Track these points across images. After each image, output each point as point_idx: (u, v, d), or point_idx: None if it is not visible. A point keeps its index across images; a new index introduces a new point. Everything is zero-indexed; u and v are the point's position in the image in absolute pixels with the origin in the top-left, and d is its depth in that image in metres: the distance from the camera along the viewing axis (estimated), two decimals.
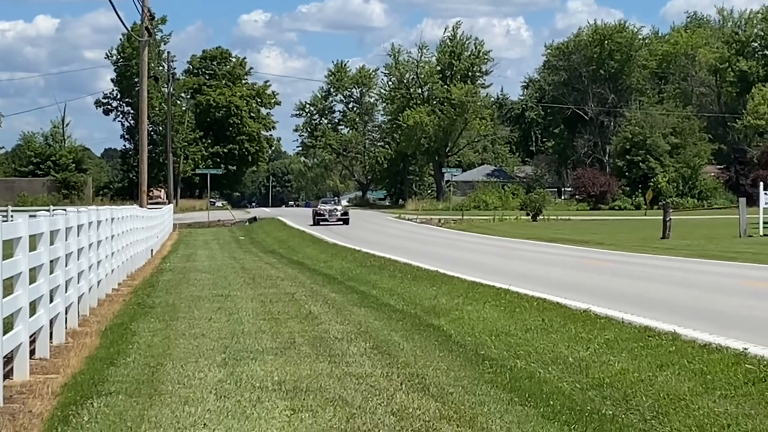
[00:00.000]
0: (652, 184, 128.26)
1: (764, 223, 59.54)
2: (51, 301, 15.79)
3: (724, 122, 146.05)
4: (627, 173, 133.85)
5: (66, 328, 17.52)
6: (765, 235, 56.73)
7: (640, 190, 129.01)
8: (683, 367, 13.31)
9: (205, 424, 10.78)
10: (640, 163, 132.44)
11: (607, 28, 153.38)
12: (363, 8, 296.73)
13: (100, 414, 11.27)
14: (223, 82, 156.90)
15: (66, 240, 17.15)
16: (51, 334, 16.02)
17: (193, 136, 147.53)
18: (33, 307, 14.68)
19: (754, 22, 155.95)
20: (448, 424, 10.60)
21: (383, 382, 13.08)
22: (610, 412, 11.35)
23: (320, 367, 14.20)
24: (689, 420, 10.68)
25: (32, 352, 14.78)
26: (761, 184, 70.32)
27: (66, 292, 17.32)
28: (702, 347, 14.62)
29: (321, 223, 78.42)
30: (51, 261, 15.72)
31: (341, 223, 79.37)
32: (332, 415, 11.06)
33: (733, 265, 35.42)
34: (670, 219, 58.28)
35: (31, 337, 14.65)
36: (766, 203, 61.61)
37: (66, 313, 17.57)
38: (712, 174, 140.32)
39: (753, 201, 66.18)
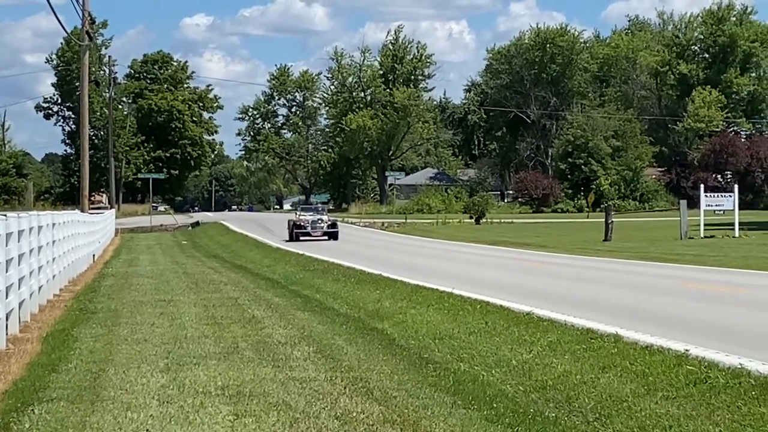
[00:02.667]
0: (594, 186, 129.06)
1: (705, 225, 60.05)
2: None
3: (665, 125, 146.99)
4: (569, 176, 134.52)
5: (7, 334, 17.35)
6: (706, 236, 57.15)
7: (582, 193, 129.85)
8: (625, 368, 13.37)
9: (147, 430, 10.72)
10: (582, 166, 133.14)
11: (549, 32, 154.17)
12: (305, 12, 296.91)
13: (42, 421, 11.19)
14: (165, 86, 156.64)
15: (6, 246, 17.01)
16: None
17: (134, 140, 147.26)
18: None
19: (694, 25, 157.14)
20: (391, 428, 10.60)
21: (327, 386, 13.06)
22: (553, 415, 11.39)
23: (264, 371, 14.16)
24: (631, 422, 10.73)
25: None
26: (702, 186, 71.05)
27: (6, 298, 17.17)
28: (644, 349, 14.69)
29: (301, 238, 59.76)
30: None
31: (327, 238, 61.22)
32: (276, 420, 11.04)
33: (674, 267, 35.66)
34: (612, 221, 58.63)
35: None
36: (706, 205, 62.18)
37: (7, 320, 17.40)
38: (654, 176, 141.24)
39: (694, 203, 66.76)
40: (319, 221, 61.89)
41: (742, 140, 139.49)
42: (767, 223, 69.00)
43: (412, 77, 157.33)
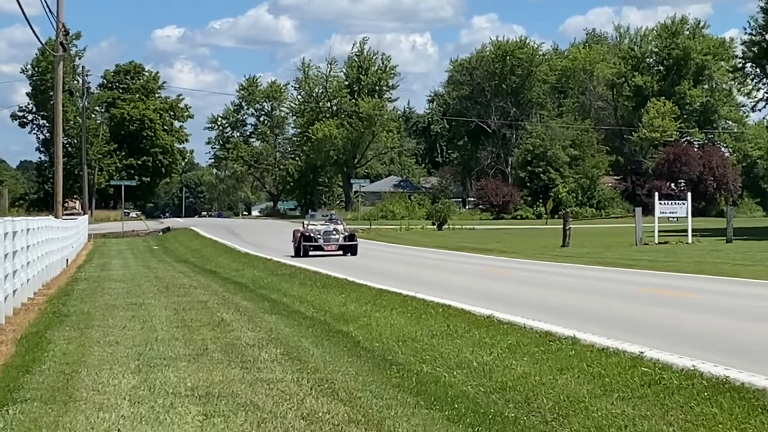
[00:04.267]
0: (552, 194, 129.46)
1: (659, 231, 60.31)
2: None
3: (621, 135, 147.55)
4: (528, 184, 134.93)
5: None
6: (660, 243, 57.40)
7: (541, 200, 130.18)
8: (582, 370, 13.40)
9: (119, 429, 10.68)
10: (541, 174, 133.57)
11: (509, 45, 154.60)
12: (274, 24, 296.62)
13: (15, 421, 11.13)
14: (137, 95, 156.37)
15: None
16: None
17: (107, 148, 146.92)
18: None
19: (649, 38, 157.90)
20: (356, 428, 10.59)
21: (293, 387, 13.04)
22: (513, 415, 11.40)
23: (232, 373, 14.13)
24: (588, 421, 10.75)
25: None
26: (656, 194, 71.37)
27: None
28: (600, 351, 14.73)
29: (311, 252, 48.28)
30: None
31: (342, 253, 49.23)
32: (244, 420, 11.02)
33: (629, 272, 35.78)
34: (570, 228, 58.81)
35: None
36: (660, 213, 62.45)
37: None
38: (610, 184, 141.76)
39: (648, 210, 66.95)
40: (334, 232, 49.35)
41: (695, 150, 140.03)
42: (719, 230, 69.21)
43: (377, 88, 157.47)
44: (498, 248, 55.34)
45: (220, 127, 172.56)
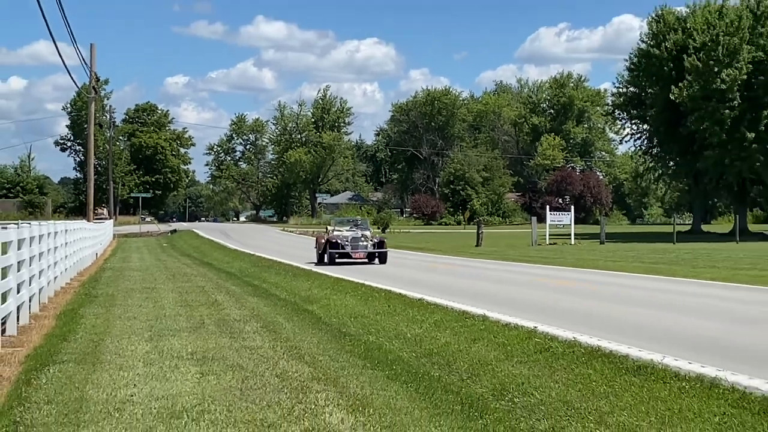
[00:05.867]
0: (469, 206, 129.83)
1: (550, 235, 60.66)
2: (18, 292, 15.48)
3: (521, 161, 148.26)
4: (451, 198, 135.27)
5: (30, 312, 17.11)
6: (550, 244, 57.70)
7: (460, 211, 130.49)
8: (490, 340, 13.41)
9: (135, 384, 10.60)
10: (461, 191, 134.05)
11: (437, 92, 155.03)
12: (258, 74, 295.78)
13: (55, 378, 11.02)
14: (152, 128, 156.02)
15: (30, 246, 16.79)
16: (18, 317, 15.68)
17: (128, 168, 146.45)
18: (4, 297, 14.39)
19: (544, 88, 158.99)
20: (318, 384, 10.56)
21: (270, 352, 12.98)
22: (437, 374, 11.39)
23: (223, 341, 14.05)
24: (494, 379, 10.76)
25: (3, 331, 14.49)
26: (547, 206, 71.74)
27: (30, 285, 16.95)
28: (504, 326, 14.76)
29: (338, 260, 37.25)
30: (18, 262, 15.42)
31: (368, 261, 37.54)
32: (231, 377, 10.95)
33: (527, 265, 35.90)
34: (482, 232, 58.98)
35: (2, 319, 14.37)
36: (551, 221, 62.87)
37: (30, 302, 17.16)
38: (513, 199, 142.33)
39: (542, 219, 67.32)
40: (362, 239, 37.71)
41: (577, 173, 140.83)
42: (595, 234, 69.64)
43: (336, 124, 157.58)
44: (427, 247, 55.41)
45: (216, 153, 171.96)
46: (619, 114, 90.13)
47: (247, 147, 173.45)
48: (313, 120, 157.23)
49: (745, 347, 12.62)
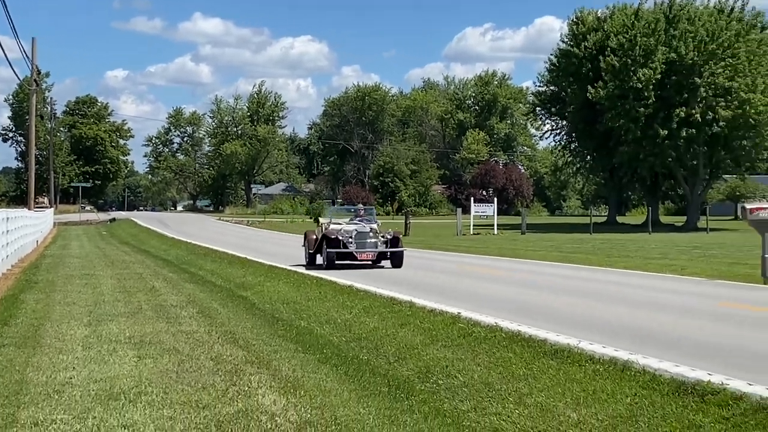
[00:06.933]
0: (397, 197, 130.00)
1: (474, 225, 61.01)
2: None
3: (447, 155, 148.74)
4: (380, 189, 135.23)
5: None
6: (474, 234, 58.05)
7: (389, 202, 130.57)
8: (417, 326, 13.47)
9: (74, 367, 10.50)
10: (390, 183, 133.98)
11: (367, 88, 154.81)
12: (195, 69, 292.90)
13: None
14: (92, 120, 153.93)
15: None
16: None
17: (68, 159, 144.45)
18: None
19: (469, 86, 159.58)
20: (251, 366, 10.55)
21: (205, 336, 12.94)
22: (366, 357, 11.43)
23: (160, 326, 13.97)
24: (420, 363, 10.83)
25: None
26: (472, 198, 72.11)
27: None
28: (430, 311, 14.83)
29: (338, 262, 26.35)
30: None
31: (374, 262, 27.05)
32: (168, 360, 10.90)
33: (452, 254, 36.11)
34: (410, 222, 59.22)
35: None
36: (475, 212, 63.23)
37: None
38: (439, 191, 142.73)
39: (467, 210, 67.69)
40: (371, 234, 26.90)
41: (500, 167, 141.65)
42: (516, 225, 70.21)
43: (271, 118, 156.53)
44: None
45: (154, 145, 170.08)
46: (540, 111, 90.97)
47: (185, 139, 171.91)
48: (248, 114, 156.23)
49: (656, 332, 12.82)
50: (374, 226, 27.77)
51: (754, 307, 15.87)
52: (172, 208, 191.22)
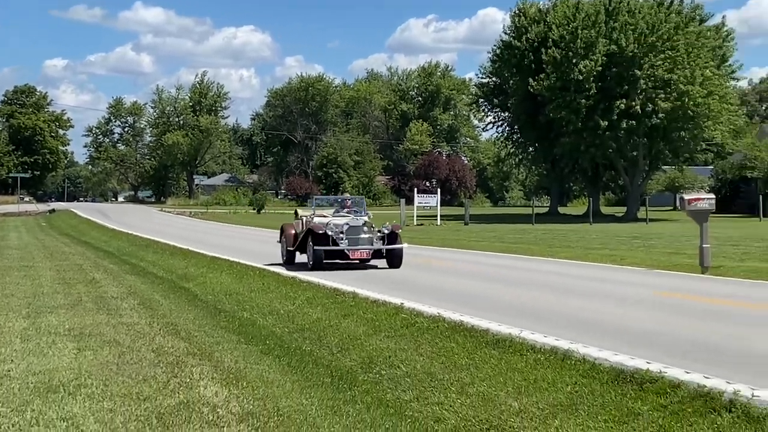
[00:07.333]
0: (341, 188, 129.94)
1: (417, 216, 61.17)
2: None
3: (391, 146, 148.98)
4: (324, 180, 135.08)
5: None
6: (418, 224, 58.18)
7: (333, 193, 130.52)
8: (360, 316, 13.48)
9: (12, 360, 10.37)
10: (333, 174, 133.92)
11: (311, 79, 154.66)
12: (136, 59, 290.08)
13: None
14: (30, 110, 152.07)
15: None
16: None
17: (7, 149, 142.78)
18: None
19: (412, 77, 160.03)
20: (193, 358, 10.49)
21: (147, 328, 12.85)
22: (309, 348, 11.42)
23: (100, 318, 13.84)
24: (363, 353, 10.84)
25: None
26: (415, 189, 72.29)
27: None
28: (373, 302, 14.84)
29: (326, 261, 22.57)
30: None
31: (369, 260, 23.52)
32: (108, 352, 10.81)
33: None
34: None
35: None
36: (418, 203, 63.38)
37: None
38: (383, 182, 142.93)
39: (410, 201, 67.80)
40: (364, 229, 23.45)
41: (444, 158, 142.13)
42: (459, 216, 70.54)
43: (213, 108, 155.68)
44: None
45: (94, 135, 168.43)
46: (483, 102, 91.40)
47: (126, 129, 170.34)
48: (190, 104, 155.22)
49: (597, 322, 12.95)
50: (365, 218, 24.35)
51: (692, 296, 16.08)
52: (113, 199, 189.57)
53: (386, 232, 23.38)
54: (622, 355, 9.56)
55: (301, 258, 24.26)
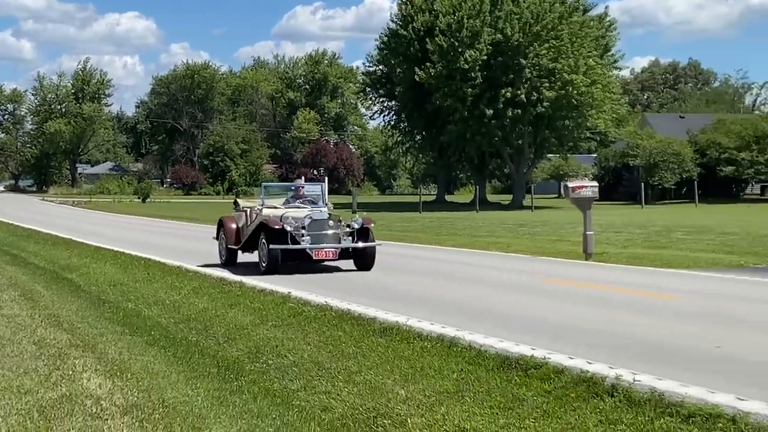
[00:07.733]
0: (228, 177, 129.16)
1: None
2: None
3: (278, 134, 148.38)
4: (211, 169, 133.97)
5: None
6: None
7: (219, 181, 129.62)
8: (247, 306, 13.44)
9: None
10: (220, 162, 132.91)
11: (197, 66, 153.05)
12: (16, 44, 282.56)
13: None
14: None
15: None
16: None
17: None
18: None
19: (299, 65, 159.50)
20: (76, 350, 10.31)
21: (28, 320, 12.58)
22: (195, 339, 11.34)
23: None
24: (250, 343, 10.80)
25: None
26: (303, 177, 71.93)
27: None
28: (260, 291, 14.81)
29: (282, 260, 18.44)
30: None
31: (334, 259, 19.06)
32: None
33: None
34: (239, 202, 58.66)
35: None
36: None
37: None
38: (270, 170, 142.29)
39: None
40: (330, 224, 19.17)
41: (331, 146, 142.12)
42: (347, 204, 70.50)
43: (97, 95, 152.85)
44: (187, 216, 54.68)
45: None
46: (370, 91, 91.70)
47: (5, 117, 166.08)
48: (73, 91, 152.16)
49: (483, 308, 13.12)
50: (324, 209, 20.49)
51: (576, 283, 16.41)
52: None
53: (356, 227, 19.27)
54: (507, 342, 9.71)
55: (244, 257, 20.80)
